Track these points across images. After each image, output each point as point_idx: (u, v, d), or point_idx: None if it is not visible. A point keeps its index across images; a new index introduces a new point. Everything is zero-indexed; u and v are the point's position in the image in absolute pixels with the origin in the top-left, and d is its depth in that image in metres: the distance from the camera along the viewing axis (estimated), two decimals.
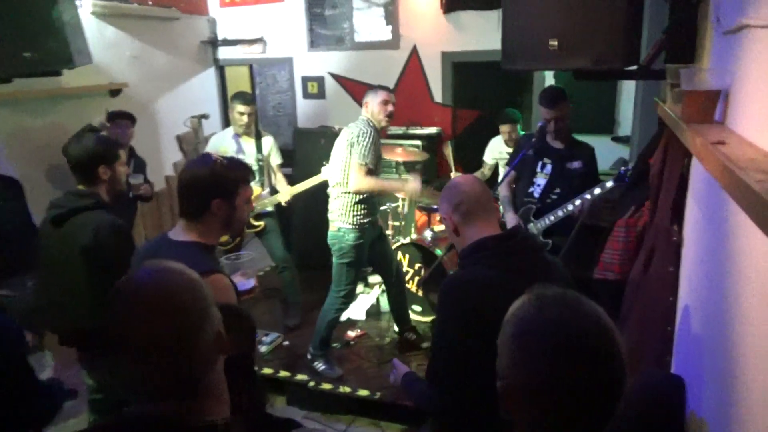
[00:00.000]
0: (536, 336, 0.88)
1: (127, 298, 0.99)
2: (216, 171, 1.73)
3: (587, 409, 0.86)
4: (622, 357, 0.87)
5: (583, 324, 0.88)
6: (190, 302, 0.98)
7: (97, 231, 2.12)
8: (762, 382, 0.97)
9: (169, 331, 0.95)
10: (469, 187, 1.70)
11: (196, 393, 0.97)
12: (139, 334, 0.94)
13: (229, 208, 1.74)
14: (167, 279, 1.00)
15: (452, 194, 1.69)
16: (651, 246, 2.00)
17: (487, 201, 1.70)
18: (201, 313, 0.99)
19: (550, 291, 0.94)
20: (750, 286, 1.09)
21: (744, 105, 1.24)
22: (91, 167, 2.24)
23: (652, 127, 3.26)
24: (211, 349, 0.99)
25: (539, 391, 0.87)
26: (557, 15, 1.99)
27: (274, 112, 7.32)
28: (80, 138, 2.30)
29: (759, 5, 1.16)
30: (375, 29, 5.14)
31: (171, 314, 0.96)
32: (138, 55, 4.64)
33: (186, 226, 1.74)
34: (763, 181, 0.79)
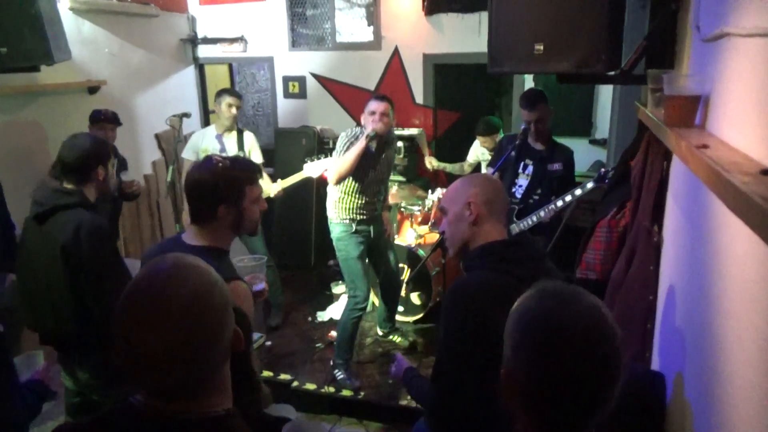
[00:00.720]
0: (533, 324, 0.93)
1: (152, 297, 0.91)
2: (218, 176, 1.71)
3: (580, 396, 0.89)
4: (618, 349, 0.90)
5: (578, 314, 0.92)
6: (218, 304, 0.96)
7: (77, 230, 2.09)
8: (743, 375, 1.02)
9: (196, 334, 0.91)
10: (499, 184, 1.74)
11: (206, 390, 0.97)
12: (164, 339, 0.89)
13: (235, 212, 1.74)
14: (194, 280, 0.94)
15: (489, 187, 1.66)
16: (632, 246, 2.06)
17: (506, 207, 1.72)
18: (225, 313, 0.98)
19: (551, 285, 0.98)
20: (732, 282, 1.14)
21: (724, 110, 1.29)
22: (88, 168, 2.22)
23: (629, 131, 3.35)
24: (227, 347, 0.98)
25: (535, 377, 0.91)
26: (542, 20, 2.03)
27: (254, 112, 7.28)
28: (73, 139, 2.27)
29: (739, 15, 1.21)
30: (357, 30, 5.16)
31: (199, 316, 0.91)
32: (116, 53, 4.57)
33: (198, 231, 1.75)
34: (748, 183, 0.83)
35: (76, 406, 2.43)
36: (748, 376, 0.99)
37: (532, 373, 0.91)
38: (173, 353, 0.89)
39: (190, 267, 0.96)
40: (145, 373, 0.91)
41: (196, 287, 0.93)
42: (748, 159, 1.03)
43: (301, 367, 3.69)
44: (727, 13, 1.29)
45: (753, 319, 0.99)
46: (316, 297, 4.68)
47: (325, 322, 4.28)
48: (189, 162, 4.07)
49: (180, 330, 0.89)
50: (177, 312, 0.89)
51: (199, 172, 1.74)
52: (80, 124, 3.65)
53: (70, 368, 2.30)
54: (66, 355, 2.30)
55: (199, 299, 0.92)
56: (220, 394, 1.00)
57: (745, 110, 1.11)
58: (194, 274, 0.95)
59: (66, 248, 2.09)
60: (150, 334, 0.88)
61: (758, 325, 0.96)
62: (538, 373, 0.90)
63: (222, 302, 0.97)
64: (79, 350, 2.25)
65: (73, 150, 2.22)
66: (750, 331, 1.00)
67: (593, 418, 0.91)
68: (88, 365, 2.27)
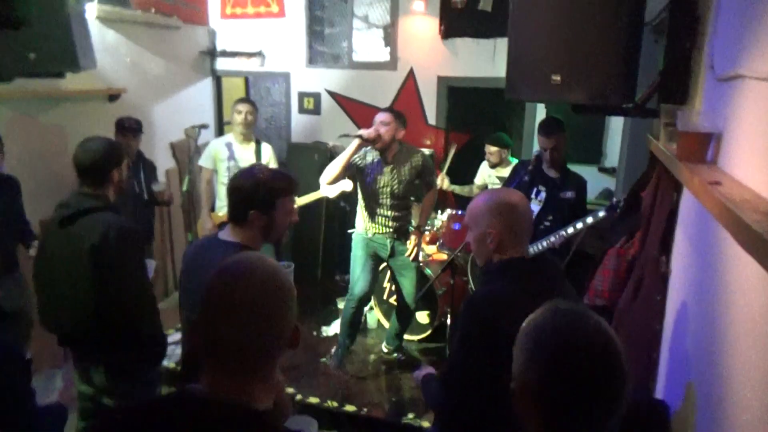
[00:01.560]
0: (545, 340, 0.98)
1: (237, 270, 1.05)
2: (256, 183, 1.87)
3: (589, 408, 0.95)
4: (622, 362, 0.96)
5: (588, 331, 0.98)
6: (289, 283, 1.09)
7: (106, 231, 2.14)
8: (751, 411, 1.04)
9: (273, 298, 1.04)
10: (524, 209, 1.72)
11: (262, 377, 1.06)
12: (248, 295, 1.02)
13: (266, 220, 1.88)
14: (270, 262, 1.10)
15: (512, 215, 1.67)
16: (640, 275, 2.09)
17: (530, 227, 1.74)
18: (293, 295, 1.10)
19: (563, 304, 1.04)
20: (739, 317, 1.17)
21: (736, 148, 1.33)
22: (105, 170, 2.27)
23: (639, 161, 3.39)
24: (288, 337, 1.08)
25: (545, 391, 0.96)
26: (560, 50, 2.09)
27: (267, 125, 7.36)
28: (86, 143, 2.33)
29: (753, 58, 1.25)
30: (373, 50, 5.25)
31: (276, 286, 1.06)
32: (138, 62, 4.67)
33: (232, 229, 1.92)
34: (760, 222, 0.87)
35: (90, 410, 2.45)
36: (756, 411, 1.01)
37: (545, 384, 0.96)
38: (253, 308, 1.02)
39: (264, 259, 1.12)
40: (222, 327, 1.02)
41: (276, 267, 1.10)
42: (759, 197, 1.07)
43: (304, 381, 3.70)
44: (742, 56, 1.34)
45: (761, 354, 1.02)
46: (322, 311, 4.70)
47: (330, 337, 4.29)
48: (207, 170, 4.16)
49: (262, 289, 1.04)
50: (262, 276, 1.05)
51: (242, 177, 1.93)
52: (99, 130, 3.71)
53: (86, 371, 2.34)
54: (82, 357, 2.34)
55: (279, 275, 1.08)
56: (268, 391, 1.08)
57: (758, 150, 1.15)
58: (270, 263, 1.11)
59: (95, 249, 2.13)
60: (237, 288, 1.03)
61: (766, 359, 0.99)
62: (552, 384, 0.95)
63: (290, 286, 1.10)
64: (97, 352, 2.28)
65: (88, 154, 2.27)
66: (758, 365, 1.03)
67: (605, 426, 0.96)
68: (104, 368, 2.30)
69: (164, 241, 5.08)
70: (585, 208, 3.29)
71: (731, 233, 0.97)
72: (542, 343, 0.98)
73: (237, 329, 1.02)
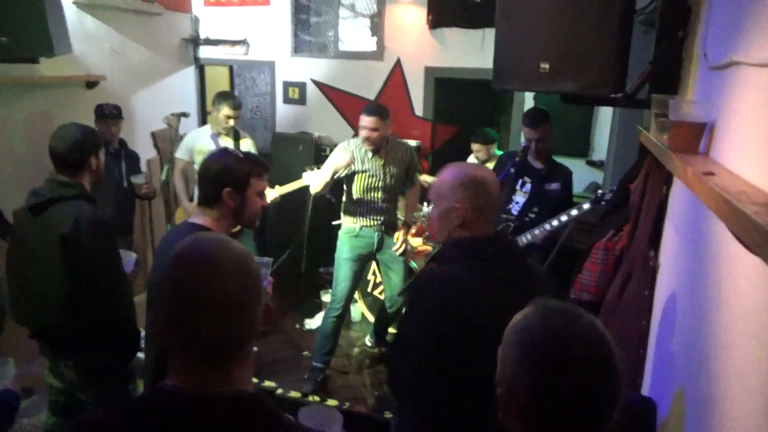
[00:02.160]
0: (539, 344, 0.92)
1: (210, 256, 0.99)
2: (228, 162, 1.88)
3: (583, 416, 0.89)
4: (618, 367, 0.91)
5: (583, 334, 0.92)
6: (256, 269, 1.04)
7: (77, 221, 2.06)
8: (742, 408, 1.01)
9: (246, 288, 0.99)
10: (493, 185, 1.66)
11: (240, 362, 1.01)
12: (222, 289, 0.96)
13: (239, 199, 1.87)
14: (235, 246, 1.04)
15: (480, 190, 1.61)
16: (628, 270, 2.05)
17: (497, 206, 1.72)
18: (260, 280, 1.05)
19: (553, 303, 0.98)
20: (733, 313, 1.12)
21: (730, 138, 1.29)
22: (81, 157, 2.19)
23: (628, 154, 3.35)
24: (260, 318, 1.04)
25: (538, 397, 0.90)
26: (549, 39, 2.03)
27: (252, 115, 7.26)
28: (62, 130, 2.24)
29: (749, 44, 1.21)
30: (360, 39, 5.17)
31: (248, 273, 1.01)
32: (117, 49, 4.55)
33: (202, 212, 1.90)
34: (759, 213, 0.82)
35: (61, 404, 2.38)
36: (748, 409, 0.97)
37: (537, 390, 0.90)
38: (229, 303, 0.97)
39: (227, 242, 1.06)
40: (202, 325, 0.96)
41: (242, 251, 1.04)
42: (755, 188, 1.02)
43: (286, 375, 3.64)
44: (737, 43, 1.29)
45: (754, 350, 0.98)
46: (306, 304, 4.64)
47: (313, 330, 4.24)
48: (182, 162, 4.05)
49: (235, 282, 0.98)
50: (232, 267, 0.99)
51: (213, 158, 1.93)
52: (78, 118, 3.59)
53: (57, 365, 2.26)
54: (54, 351, 2.26)
55: (246, 260, 1.03)
56: (247, 373, 1.04)
57: (753, 139, 1.11)
58: (236, 244, 1.06)
59: (65, 238, 2.05)
60: (210, 284, 0.96)
61: (761, 357, 0.95)
62: (544, 391, 0.89)
63: (257, 269, 1.06)
64: (68, 346, 2.20)
65: (64, 141, 2.19)
66: (751, 362, 0.99)
67: (600, 428, 0.91)
68: (75, 362, 2.22)
69: (145, 233, 4.97)
70: (571, 200, 3.26)
71: (728, 225, 0.92)
72: (533, 349, 0.92)
73: (218, 325, 0.97)
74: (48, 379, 2.32)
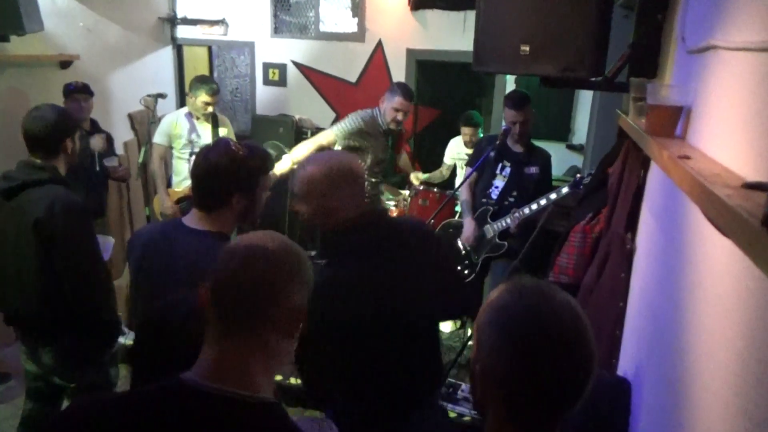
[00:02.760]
0: (514, 322, 0.93)
1: (249, 249, 1.03)
2: (238, 163, 1.66)
3: (560, 391, 0.91)
4: (592, 340, 0.93)
5: (557, 310, 0.93)
6: (291, 271, 1.05)
7: (51, 205, 2.02)
8: (712, 388, 1.02)
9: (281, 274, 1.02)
10: (357, 170, 1.69)
11: (264, 364, 1.01)
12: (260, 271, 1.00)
13: (248, 202, 1.72)
14: (288, 241, 1.08)
15: (332, 189, 1.62)
16: (605, 253, 2.07)
17: (360, 188, 1.69)
18: (297, 283, 1.06)
19: (528, 281, 0.98)
20: (705, 294, 1.14)
21: (706, 122, 1.30)
22: (58, 140, 2.14)
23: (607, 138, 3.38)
24: (294, 325, 1.05)
25: (516, 373, 0.91)
26: (530, 22, 2.02)
27: (231, 97, 7.15)
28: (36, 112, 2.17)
29: (727, 28, 1.21)
30: (341, 20, 5.10)
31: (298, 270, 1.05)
32: (91, 27, 4.43)
33: (204, 217, 1.71)
34: (732, 196, 0.83)
35: (38, 390, 2.35)
36: (718, 388, 0.99)
37: (515, 368, 0.91)
38: (263, 286, 1.00)
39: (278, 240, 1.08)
40: (232, 304, 0.99)
41: (285, 250, 1.06)
42: (729, 172, 1.03)
43: None
44: (715, 26, 1.29)
45: (726, 332, 0.99)
46: None
47: None
48: (161, 147, 3.98)
49: (273, 267, 1.01)
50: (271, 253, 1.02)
51: (217, 156, 1.67)
52: (50, 98, 3.51)
53: (34, 351, 2.22)
54: (30, 336, 2.22)
55: (285, 257, 1.05)
56: (270, 378, 1.04)
57: (729, 123, 1.11)
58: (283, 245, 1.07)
59: (39, 223, 2.01)
60: (247, 269, 1.00)
61: (730, 338, 0.97)
62: (522, 367, 0.90)
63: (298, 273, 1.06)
64: (45, 332, 2.17)
65: (39, 122, 2.13)
66: (721, 343, 1.00)
67: (569, 409, 0.92)
68: (53, 348, 2.19)
69: (123, 216, 4.90)
70: (550, 183, 3.27)
71: (701, 208, 0.93)
72: (510, 327, 0.93)
73: (242, 283, 1.00)
74: (25, 364, 2.30)
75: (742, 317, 0.91)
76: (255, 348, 1.00)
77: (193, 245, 1.64)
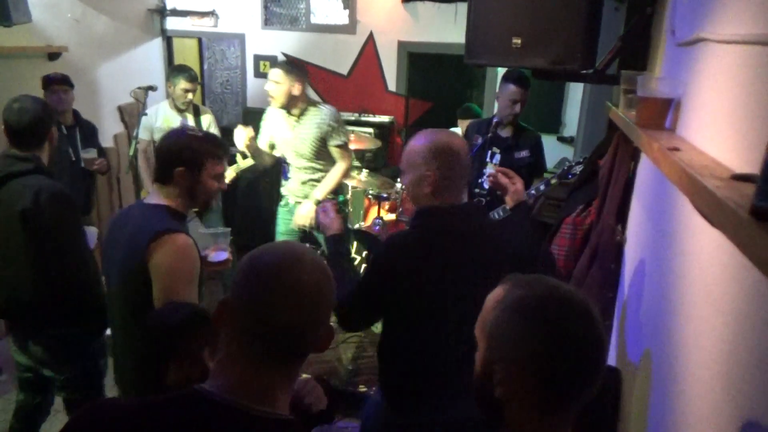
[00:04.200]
0: (539, 307, 0.95)
1: (288, 252, 1.01)
2: (184, 140, 1.82)
3: (589, 364, 0.93)
4: (600, 323, 0.95)
5: (568, 292, 0.96)
6: (329, 291, 1.03)
7: (37, 194, 2.00)
8: (699, 375, 1.04)
9: (326, 288, 1.01)
10: (464, 155, 1.68)
11: (280, 373, 1.00)
12: (305, 281, 0.97)
13: (191, 179, 1.81)
14: (317, 262, 1.03)
15: (449, 159, 1.63)
16: (595, 244, 2.09)
17: (466, 173, 1.72)
18: (333, 289, 1.05)
19: (522, 276, 1.01)
20: (693, 284, 1.16)
21: (695, 114, 1.31)
22: (42, 131, 2.12)
23: (597, 130, 3.40)
24: (320, 342, 1.05)
25: (551, 354, 0.92)
26: (521, 14, 2.03)
27: (222, 89, 7.10)
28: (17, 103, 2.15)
29: (715, 21, 1.22)
30: (332, 12, 5.08)
31: (328, 275, 1.02)
32: (80, 19, 4.38)
33: (158, 191, 1.83)
34: (720, 187, 0.84)
35: (29, 381, 2.35)
36: (705, 376, 1.01)
37: (550, 348, 0.92)
38: (304, 293, 0.97)
39: (307, 256, 1.04)
40: (277, 308, 0.96)
41: (320, 261, 1.04)
42: (717, 163, 1.04)
43: None
44: (704, 19, 1.31)
45: (712, 321, 1.01)
46: None
47: None
48: (144, 142, 3.96)
49: (313, 278, 0.99)
50: (312, 264, 1.00)
51: (171, 136, 1.87)
52: (38, 90, 3.48)
53: (23, 342, 2.22)
54: (19, 328, 2.21)
55: (323, 264, 1.04)
56: (287, 395, 1.03)
57: (717, 115, 1.13)
58: (315, 262, 1.03)
59: (25, 213, 2.00)
60: (293, 273, 0.97)
61: (716, 326, 0.98)
62: (557, 347, 0.92)
63: (332, 281, 1.05)
64: (34, 323, 2.16)
65: (24, 114, 2.10)
66: (708, 332, 1.02)
67: (595, 385, 0.95)
68: (42, 339, 2.19)
69: (113, 209, 4.87)
70: (542, 166, 3.26)
71: (690, 199, 0.95)
72: (536, 313, 0.94)
73: (291, 311, 0.96)
74: (15, 356, 2.29)
75: (730, 306, 0.93)
76: (277, 366, 1.00)
77: (139, 216, 1.77)
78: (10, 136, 2.12)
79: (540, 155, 3.28)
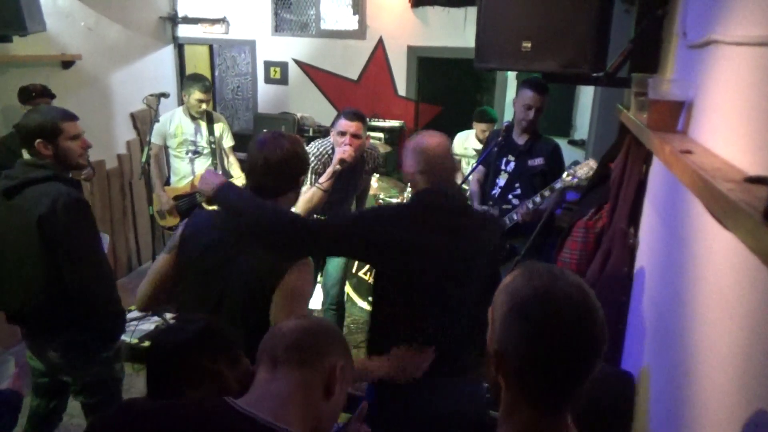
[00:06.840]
0: (525, 302, 0.95)
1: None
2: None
3: (567, 368, 0.93)
4: (600, 321, 0.95)
5: (567, 290, 0.95)
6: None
7: (54, 202, 2.03)
8: (715, 379, 1.04)
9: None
10: (434, 151, 1.90)
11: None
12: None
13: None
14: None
15: (421, 157, 1.88)
16: (607, 247, 2.08)
17: (450, 166, 1.96)
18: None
19: (539, 265, 1.01)
20: (707, 287, 1.15)
21: (707, 117, 1.30)
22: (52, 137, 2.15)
23: (608, 133, 3.37)
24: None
25: (526, 352, 0.93)
26: (531, 18, 2.03)
27: (233, 96, 7.16)
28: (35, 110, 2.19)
29: (728, 23, 1.22)
30: (341, 18, 5.10)
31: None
32: (93, 27, 4.44)
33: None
34: (734, 190, 0.83)
35: (45, 386, 2.37)
36: (720, 380, 1.00)
37: (527, 347, 0.93)
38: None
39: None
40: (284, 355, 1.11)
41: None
42: (730, 166, 1.04)
43: None
44: (715, 21, 1.30)
45: (727, 324, 1.00)
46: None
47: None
48: (156, 147, 4.05)
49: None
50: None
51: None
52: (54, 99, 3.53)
53: (39, 348, 2.24)
54: (35, 334, 2.23)
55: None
56: (301, 410, 1.08)
57: (730, 118, 1.12)
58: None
59: (43, 220, 2.02)
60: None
61: (732, 330, 0.98)
62: (532, 347, 0.93)
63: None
64: (50, 329, 2.18)
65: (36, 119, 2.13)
66: (724, 336, 1.01)
67: (579, 387, 0.95)
68: (58, 344, 2.20)
69: (126, 215, 4.92)
70: (561, 171, 3.20)
71: (703, 202, 0.94)
72: (520, 307, 0.95)
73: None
74: (30, 361, 2.31)
75: (744, 310, 0.92)
76: (299, 388, 1.08)
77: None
78: (26, 144, 2.15)
79: (556, 163, 3.15)
